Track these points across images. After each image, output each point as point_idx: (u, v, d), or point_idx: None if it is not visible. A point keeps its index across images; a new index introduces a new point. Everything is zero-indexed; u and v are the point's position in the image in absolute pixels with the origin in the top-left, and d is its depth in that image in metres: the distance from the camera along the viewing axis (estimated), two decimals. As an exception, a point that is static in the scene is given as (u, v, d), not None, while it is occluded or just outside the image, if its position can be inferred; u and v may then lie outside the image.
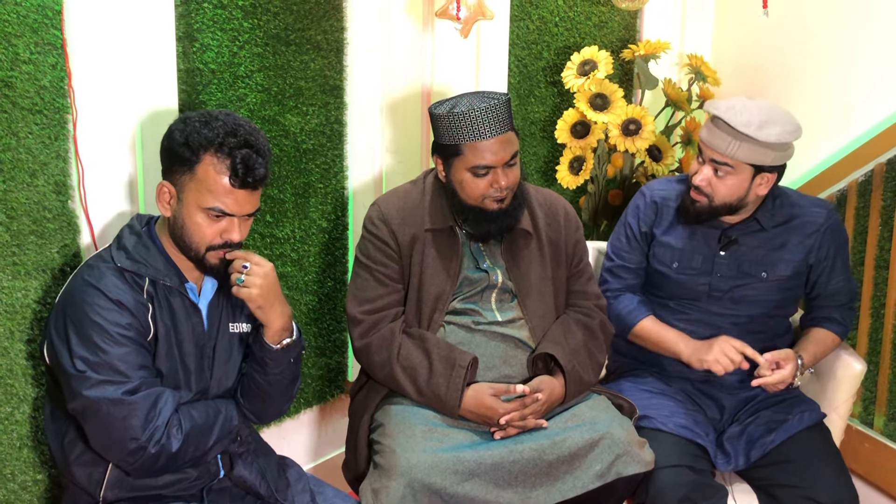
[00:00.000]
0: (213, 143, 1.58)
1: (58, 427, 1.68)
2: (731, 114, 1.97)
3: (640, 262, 2.22)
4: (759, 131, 1.96)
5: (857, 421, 2.56)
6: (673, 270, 2.16)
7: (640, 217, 2.21)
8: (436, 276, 1.99)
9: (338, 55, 2.32)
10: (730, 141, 1.98)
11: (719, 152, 2.00)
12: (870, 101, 2.51)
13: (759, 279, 2.11)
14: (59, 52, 1.74)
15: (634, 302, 2.21)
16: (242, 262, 1.65)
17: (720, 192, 2.04)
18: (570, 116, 2.68)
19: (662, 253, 2.17)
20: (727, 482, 2.06)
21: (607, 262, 2.25)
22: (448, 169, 1.96)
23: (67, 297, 1.62)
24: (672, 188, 2.21)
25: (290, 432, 2.44)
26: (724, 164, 2.01)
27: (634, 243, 2.21)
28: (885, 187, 2.44)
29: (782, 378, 2.05)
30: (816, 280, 2.16)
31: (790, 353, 2.08)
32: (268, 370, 1.73)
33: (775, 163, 2.01)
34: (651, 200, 2.21)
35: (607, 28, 2.92)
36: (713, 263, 2.13)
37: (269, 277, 1.66)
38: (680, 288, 2.17)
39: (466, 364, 1.91)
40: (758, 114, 1.97)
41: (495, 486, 1.82)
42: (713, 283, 2.13)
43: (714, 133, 2.01)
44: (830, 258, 2.14)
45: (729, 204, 2.05)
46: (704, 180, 2.04)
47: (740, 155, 1.98)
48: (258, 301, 1.66)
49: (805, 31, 2.69)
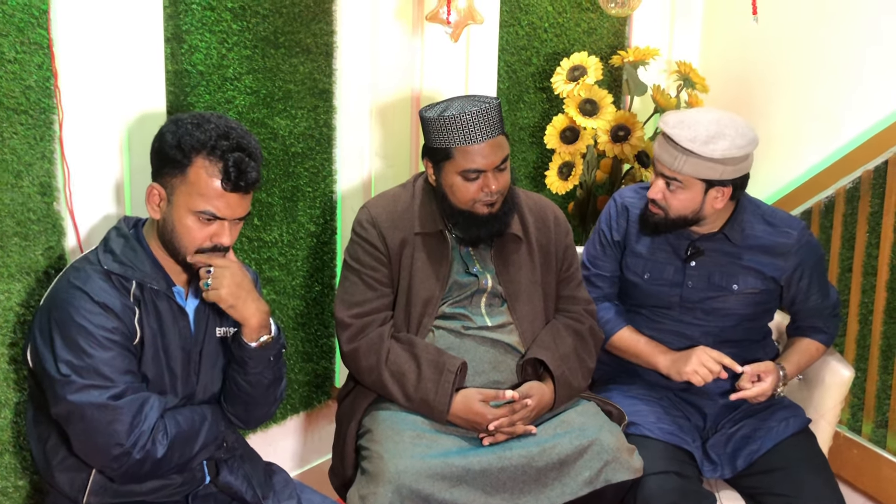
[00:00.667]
0: (206, 145, 1.57)
1: (40, 432, 1.66)
2: (678, 129, 1.96)
3: (615, 270, 2.22)
4: (703, 147, 1.94)
5: (845, 427, 2.56)
6: (645, 281, 2.16)
7: (612, 225, 2.21)
8: (425, 281, 1.98)
9: (327, 58, 2.31)
10: (676, 156, 1.97)
11: (667, 167, 2.00)
12: (857, 108, 2.52)
13: (730, 291, 2.10)
14: (45, 52, 1.72)
15: (611, 312, 2.20)
16: (205, 266, 1.63)
17: (674, 206, 2.04)
18: (559, 122, 2.68)
19: (634, 263, 2.17)
20: (714, 489, 2.05)
21: (583, 272, 2.23)
22: (438, 173, 1.95)
23: (52, 299, 1.59)
24: (640, 195, 2.20)
25: (276, 439, 2.42)
26: (673, 180, 2.00)
27: (609, 251, 2.21)
28: (873, 194, 2.46)
29: (762, 391, 2.05)
30: (794, 298, 2.15)
31: (771, 365, 2.08)
32: (248, 370, 1.71)
33: (726, 177, 1.98)
34: (622, 206, 2.20)
35: (596, 34, 2.93)
36: (684, 275, 2.12)
37: (234, 276, 1.64)
38: (652, 297, 2.17)
39: (455, 369, 1.90)
40: (706, 128, 1.95)
41: (483, 492, 1.80)
42: (684, 294, 2.13)
43: (663, 148, 2.00)
44: (805, 279, 2.12)
45: (684, 217, 2.05)
46: (658, 193, 2.04)
47: (687, 170, 1.97)
48: (228, 300, 1.64)
49: (793, 38, 2.71)
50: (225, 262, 1.64)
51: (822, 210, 2.60)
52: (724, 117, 1.99)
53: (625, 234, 2.19)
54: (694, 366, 2.05)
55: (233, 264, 1.65)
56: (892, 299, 2.42)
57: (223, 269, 1.63)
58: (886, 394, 2.46)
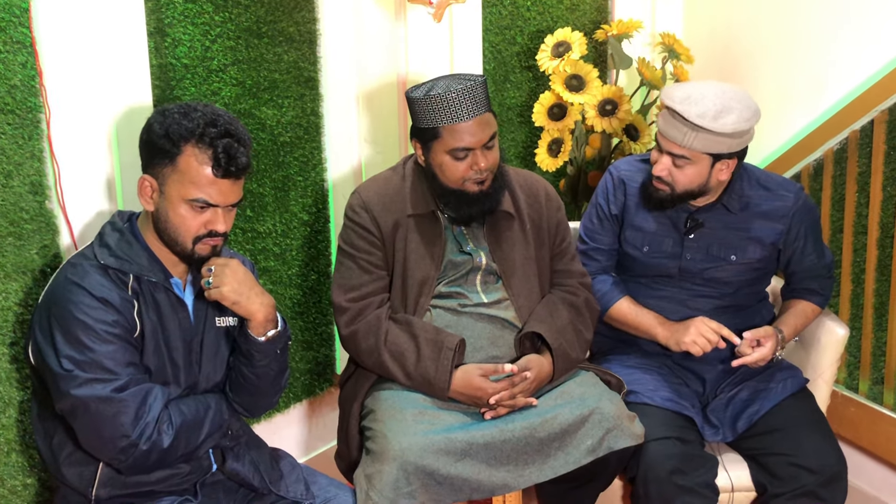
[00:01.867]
0: (194, 133, 1.57)
1: (46, 428, 1.67)
2: (686, 105, 1.95)
3: (613, 242, 2.22)
4: (714, 122, 1.94)
5: (842, 386, 2.59)
6: (644, 254, 2.17)
7: (609, 199, 2.21)
8: (420, 261, 2.00)
9: (311, 46, 2.32)
10: (686, 132, 1.96)
11: (676, 143, 1.99)
12: (841, 70, 2.53)
13: (728, 262, 2.12)
14: (28, 51, 1.72)
15: (608, 284, 2.21)
16: (207, 265, 1.64)
17: (681, 182, 2.04)
18: (546, 99, 2.68)
19: (633, 236, 2.18)
20: (717, 452, 2.07)
21: (580, 245, 2.25)
22: (427, 153, 1.96)
23: (51, 296, 1.60)
24: (636, 168, 2.20)
25: (280, 427, 2.44)
26: (681, 157, 2.00)
27: (606, 224, 2.22)
28: (860, 154, 2.47)
29: (762, 356, 2.07)
30: (790, 259, 2.17)
31: (770, 330, 2.10)
32: (255, 362, 1.72)
33: (732, 150, 2.00)
34: (619, 180, 2.20)
35: (579, 10, 2.93)
36: (682, 247, 2.14)
37: (235, 273, 1.65)
38: (651, 269, 2.18)
39: (454, 346, 1.92)
40: (713, 103, 1.94)
41: (487, 465, 1.82)
42: (683, 266, 2.14)
43: (670, 124, 1.99)
44: (801, 239, 2.14)
45: (690, 191, 2.05)
46: (664, 171, 2.04)
47: (697, 145, 1.97)
48: (231, 297, 1.65)
49: (774, 4, 2.72)
50: (224, 260, 1.65)
51: (810, 173, 2.62)
52: (727, 90, 1.98)
53: (622, 207, 2.19)
54: (692, 336, 2.06)
55: (232, 261, 1.66)
56: (883, 257, 2.44)
57: (223, 267, 1.64)
58: (881, 350, 2.48)
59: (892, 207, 2.40)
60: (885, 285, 2.44)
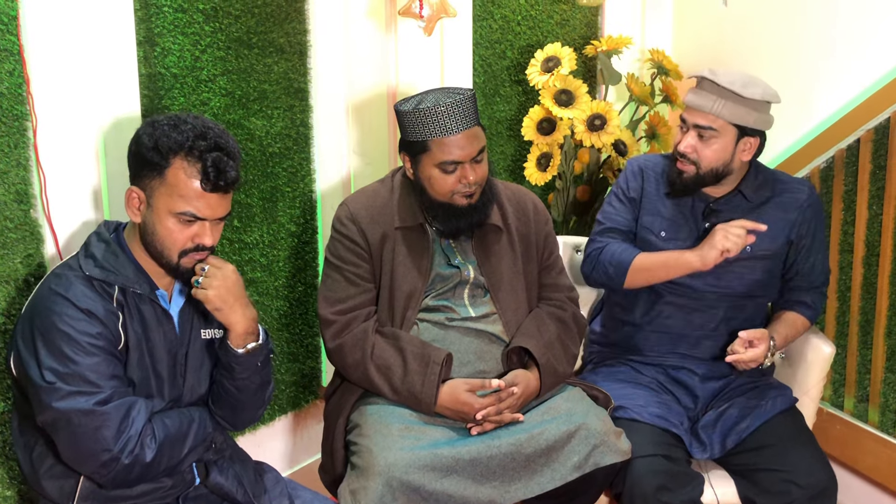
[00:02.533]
0: (183, 146, 1.56)
1: (26, 440, 1.64)
2: (716, 74, 2.04)
3: (630, 224, 2.22)
4: (743, 89, 2.02)
5: (827, 404, 2.60)
6: (660, 239, 2.17)
7: (628, 184, 2.23)
8: (407, 274, 1.99)
9: (301, 57, 2.32)
10: (714, 99, 2.02)
11: (704, 111, 2.04)
12: (828, 88, 2.55)
13: (743, 253, 2.12)
14: (16, 59, 1.71)
15: (622, 245, 2.18)
16: (203, 264, 1.63)
17: (706, 158, 2.06)
18: (535, 113, 2.69)
19: (651, 221, 2.19)
20: (703, 469, 2.07)
21: (596, 227, 2.25)
22: (416, 166, 1.96)
23: (34, 307, 1.58)
24: (655, 159, 2.24)
25: (264, 439, 2.42)
26: (708, 129, 2.04)
27: (626, 205, 2.22)
28: (846, 172, 2.49)
29: (754, 357, 2.07)
30: (796, 257, 2.19)
31: (765, 332, 2.11)
32: (235, 375, 1.71)
33: (757, 125, 2.06)
34: (638, 167, 2.23)
35: (569, 25, 2.94)
36: (698, 237, 2.14)
37: (227, 279, 1.64)
38: None
39: (441, 361, 1.91)
40: (740, 76, 2.04)
41: (474, 481, 1.81)
42: None
43: (699, 94, 2.06)
44: (811, 235, 2.17)
45: (715, 170, 2.08)
46: (689, 147, 2.07)
47: (725, 113, 2.02)
48: (215, 302, 1.63)
49: (763, 21, 2.74)
50: (220, 263, 1.64)
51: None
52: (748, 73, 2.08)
53: (641, 192, 2.21)
54: (720, 240, 2.02)
55: (228, 267, 1.65)
56: (868, 275, 2.45)
57: (217, 270, 1.63)
58: (867, 368, 2.49)
59: (877, 226, 2.41)
60: (871, 303, 2.45)
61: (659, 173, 2.21)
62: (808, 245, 2.18)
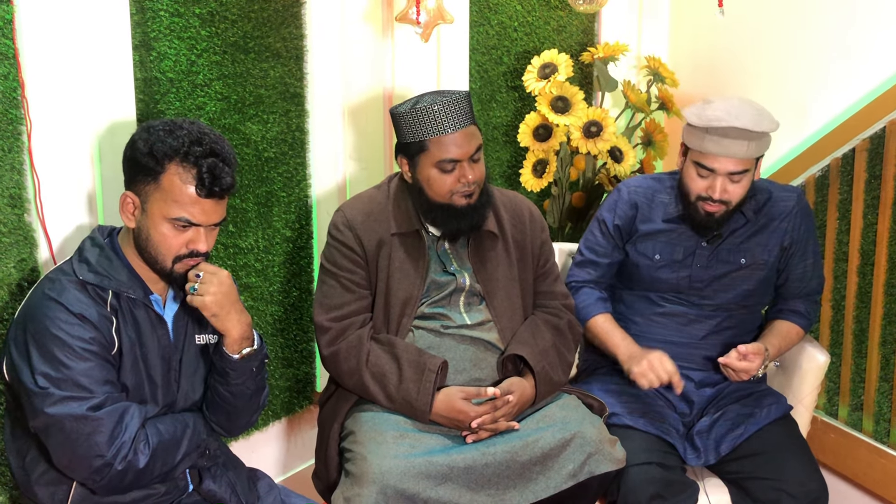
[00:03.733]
0: (179, 152, 1.56)
1: (18, 446, 1.63)
2: (739, 119, 1.97)
3: (612, 256, 2.23)
4: (770, 123, 2.02)
5: (822, 412, 2.60)
6: (654, 262, 2.17)
7: (616, 212, 2.21)
8: (403, 281, 1.98)
9: (297, 62, 2.31)
10: (746, 145, 2.00)
11: (739, 158, 2.00)
12: (824, 98, 2.56)
13: (737, 266, 2.13)
14: (10, 63, 1.70)
15: (593, 297, 2.22)
16: (196, 271, 1.62)
17: (737, 194, 2.06)
18: (531, 120, 2.69)
19: (644, 246, 2.19)
20: (698, 477, 2.07)
21: (577, 257, 2.26)
22: (414, 168, 1.96)
23: (28, 311, 1.57)
24: (649, 185, 2.23)
25: (258, 445, 2.41)
26: (743, 172, 2.03)
27: (608, 238, 2.22)
28: (842, 181, 2.49)
29: (747, 368, 2.07)
30: (787, 263, 2.19)
31: (761, 349, 2.11)
32: (230, 380, 1.70)
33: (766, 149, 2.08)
34: (630, 199, 2.21)
35: (566, 32, 2.95)
36: (694, 255, 2.15)
37: (223, 285, 1.63)
38: (660, 280, 2.18)
39: (436, 368, 1.91)
40: (746, 108, 2.01)
41: (468, 489, 1.81)
42: (693, 274, 2.15)
43: (727, 144, 1.99)
44: (803, 240, 2.18)
45: (744, 200, 2.09)
46: (725, 193, 2.04)
47: (755, 152, 2.02)
48: (212, 309, 1.63)
49: (759, 30, 2.75)
50: (215, 269, 1.63)
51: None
52: (736, 98, 2.06)
53: (631, 220, 2.20)
54: (643, 368, 2.05)
55: (223, 273, 1.64)
56: (863, 284, 2.46)
57: (212, 276, 1.62)
58: (861, 377, 2.49)
59: (872, 235, 2.42)
60: (865, 312, 2.46)
61: (650, 197, 2.19)
62: (801, 250, 2.18)
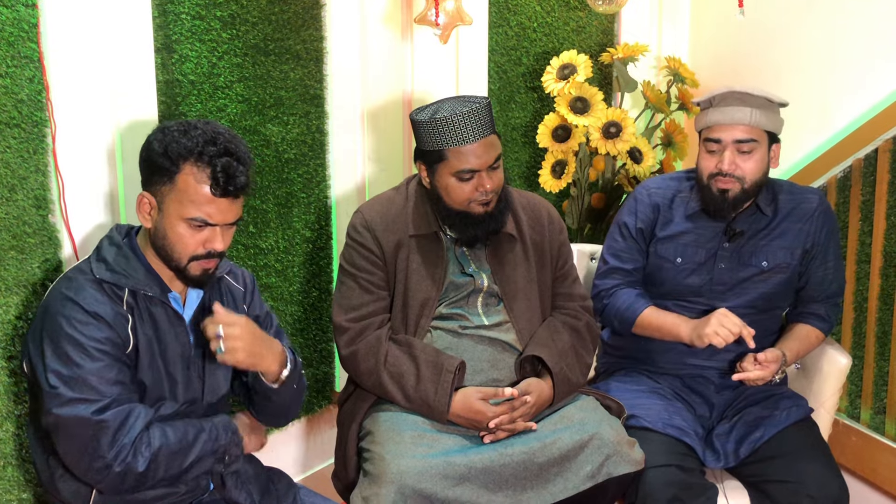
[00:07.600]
0: (193, 152, 1.57)
1: (42, 443, 1.65)
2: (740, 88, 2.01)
3: (638, 261, 2.21)
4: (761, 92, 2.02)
5: (843, 415, 2.57)
6: (676, 265, 2.16)
7: (637, 215, 2.20)
8: (421, 282, 1.99)
9: (317, 64, 2.32)
10: (749, 112, 2.01)
11: (743, 124, 2.02)
12: (847, 98, 2.54)
13: (759, 269, 2.12)
14: (36, 66, 1.73)
15: (633, 295, 2.19)
16: (214, 329, 1.60)
17: (750, 171, 2.05)
18: (550, 121, 2.69)
19: (665, 249, 2.17)
20: (717, 480, 2.06)
21: (602, 266, 2.24)
22: (432, 175, 1.96)
23: (45, 310, 1.59)
24: (668, 185, 2.21)
25: (277, 445, 2.42)
26: (749, 141, 2.03)
27: (631, 242, 2.21)
28: (864, 182, 2.47)
29: (762, 376, 2.06)
30: (808, 266, 2.17)
31: (778, 355, 2.09)
32: (274, 399, 1.75)
33: (779, 131, 2.07)
34: (650, 200, 2.20)
35: (585, 32, 2.94)
36: (716, 256, 2.14)
37: (245, 332, 1.62)
38: (681, 284, 2.17)
39: (454, 369, 1.91)
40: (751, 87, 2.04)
41: (486, 489, 1.81)
42: (715, 276, 2.14)
43: (728, 110, 2.02)
44: (824, 242, 2.16)
45: (758, 182, 2.07)
46: (732, 164, 2.04)
47: (762, 121, 2.02)
48: (248, 361, 1.64)
49: (780, 30, 2.73)
50: (230, 319, 1.61)
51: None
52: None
53: (653, 222, 2.19)
54: (714, 327, 2.03)
55: (241, 320, 1.63)
56: (885, 286, 2.43)
57: (232, 328, 1.61)
58: (883, 380, 2.47)
59: (895, 236, 2.39)
60: (888, 314, 2.43)
61: (670, 198, 2.18)
62: (822, 252, 2.16)
